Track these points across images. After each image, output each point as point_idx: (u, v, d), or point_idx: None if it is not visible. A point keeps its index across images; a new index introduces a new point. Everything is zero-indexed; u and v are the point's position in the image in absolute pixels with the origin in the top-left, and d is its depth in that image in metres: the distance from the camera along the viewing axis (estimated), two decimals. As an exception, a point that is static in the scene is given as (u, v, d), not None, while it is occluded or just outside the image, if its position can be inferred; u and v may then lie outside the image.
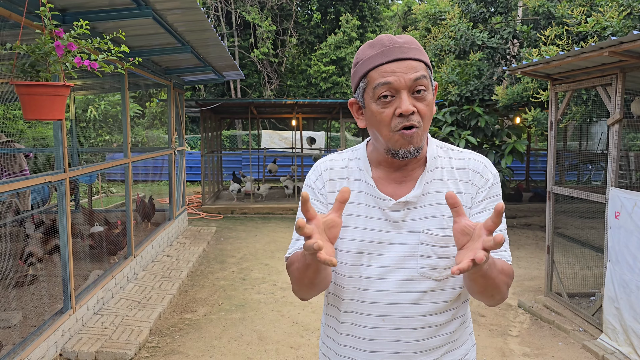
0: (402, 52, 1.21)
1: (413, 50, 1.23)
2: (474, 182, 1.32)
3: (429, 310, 1.28)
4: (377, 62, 1.22)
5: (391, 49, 1.22)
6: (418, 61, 1.22)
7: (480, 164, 1.34)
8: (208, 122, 11.66)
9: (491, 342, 4.33)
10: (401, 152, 1.24)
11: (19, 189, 3.28)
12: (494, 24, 7.90)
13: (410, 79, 1.20)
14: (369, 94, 1.25)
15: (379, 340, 1.29)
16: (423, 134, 1.24)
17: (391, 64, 1.21)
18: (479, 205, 1.31)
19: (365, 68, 1.25)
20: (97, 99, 13.35)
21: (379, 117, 1.23)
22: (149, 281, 5.67)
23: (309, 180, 1.41)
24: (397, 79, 1.20)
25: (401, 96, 1.20)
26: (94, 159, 12.39)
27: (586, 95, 5.50)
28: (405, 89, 1.20)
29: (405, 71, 1.20)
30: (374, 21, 22.32)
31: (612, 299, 3.98)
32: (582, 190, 4.58)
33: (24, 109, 2.10)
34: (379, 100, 1.22)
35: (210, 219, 10.08)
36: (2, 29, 3.17)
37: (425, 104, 1.23)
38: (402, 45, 1.22)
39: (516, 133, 8.06)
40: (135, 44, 5.38)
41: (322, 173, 1.39)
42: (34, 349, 3.43)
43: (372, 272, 1.29)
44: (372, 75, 1.23)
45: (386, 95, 1.21)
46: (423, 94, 1.22)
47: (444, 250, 1.26)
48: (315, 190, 1.39)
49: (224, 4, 20.44)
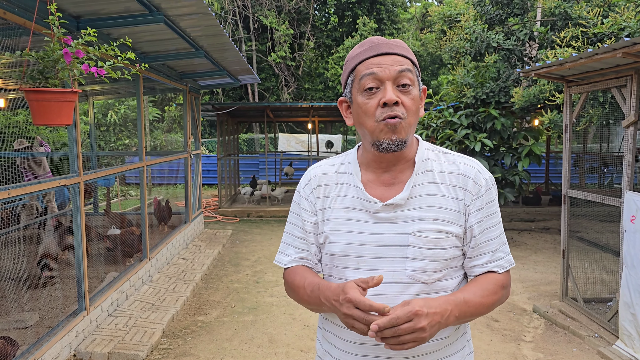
0: (388, 47, 1.27)
1: (400, 47, 1.28)
2: (465, 187, 1.31)
3: None
4: (364, 56, 1.27)
5: (378, 45, 1.27)
6: (404, 57, 1.26)
7: (473, 169, 1.33)
8: (225, 125, 11.76)
9: (504, 348, 4.27)
10: (385, 142, 1.25)
11: (34, 192, 3.35)
12: (511, 25, 7.82)
13: (395, 70, 1.24)
14: (356, 87, 1.29)
15: (369, 345, 1.29)
16: (408, 127, 1.26)
17: (377, 57, 1.26)
18: (476, 214, 1.30)
19: (353, 63, 1.30)
20: (117, 104, 13.58)
21: (364, 108, 1.26)
22: (164, 283, 5.73)
23: (299, 186, 1.45)
24: (382, 69, 1.24)
25: (386, 87, 1.24)
26: (114, 162, 12.59)
27: (603, 97, 5.41)
28: (390, 79, 1.24)
29: (390, 64, 1.24)
30: (392, 24, 22.27)
31: (627, 305, 3.90)
32: (598, 194, 4.50)
33: (33, 114, 2.15)
34: (365, 92, 1.26)
35: (226, 222, 10.16)
36: (11, 36, 3.25)
37: (410, 97, 1.25)
38: (390, 43, 1.28)
39: (533, 135, 7.94)
40: (150, 49, 5.46)
41: (311, 179, 1.42)
42: (48, 349, 3.49)
43: (360, 276, 1.28)
44: (359, 69, 1.28)
45: (371, 87, 1.25)
46: (408, 88, 1.25)
47: (433, 253, 1.26)
48: (302, 195, 1.42)
49: (242, 9, 20.61)
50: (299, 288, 1.34)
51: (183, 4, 4.08)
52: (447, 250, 1.27)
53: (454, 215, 1.29)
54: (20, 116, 10.42)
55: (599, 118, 5.64)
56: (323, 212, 1.37)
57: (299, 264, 1.41)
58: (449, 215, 1.28)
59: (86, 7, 3.89)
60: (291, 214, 1.45)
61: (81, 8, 3.87)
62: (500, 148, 7.91)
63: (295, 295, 1.37)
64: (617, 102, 5.36)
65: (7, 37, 3.19)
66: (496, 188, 1.37)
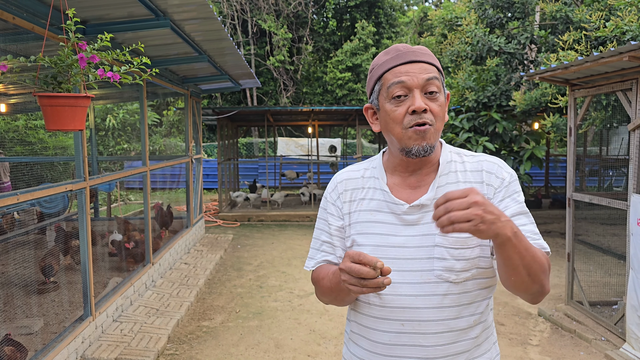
0: (415, 55, 1.28)
1: (426, 55, 1.29)
2: (489, 182, 1.32)
3: (449, 314, 1.28)
4: (391, 64, 1.29)
5: (405, 52, 1.29)
6: (431, 65, 1.28)
7: (494, 164, 1.35)
8: (225, 129, 11.75)
9: (511, 352, 4.27)
10: (414, 149, 1.27)
11: (42, 198, 3.34)
12: (511, 29, 7.85)
13: (423, 78, 1.25)
14: (383, 95, 1.30)
15: (399, 345, 1.30)
16: (436, 133, 1.28)
17: (405, 65, 1.27)
18: (499, 205, 1.30)
19: (380, 71, 1.31)
20: (115, 108, 13.55)
21: (392, 115, 1.28)
22: (167, 288, 5.71)
23: (326, 192, 1.48)
24: (410, 78, 1.25)
25: (414, 94, 1.25)
26: (113, 167, 12.55)
27: (606, 101, 5.43)
28: (418, 87, 1.25)
29: (418, 71, 1.26)
30: (390, 27, 22.33)
31: (635, 308, 3.90)
32: (603, 197, 4.50)
33: (46, 120, 2.14)
34: (393, 99, 1.27)
35: (227, 227, 10.14)
36: (24, 42, 3.25)
37: (437, 104, 1.27)
38: (416, 50, 1.29)
39: (534, 139, 7.97)
40: (153, 53, 5.46)
41: (337, 185, 1.45)
42: (56, 355, 3.47)
43: (390, 277, 1.29)
44: (387, 77, 1.29)
45: (400, 95, 1.26)
46: (435, 94, 1.27)
47: (460, 253, 1.27)
48: (329, 201, 1.45)
49: (240, 13, 20.63)
50: (323, 279, 1.36)
51: (189, 9, 4.08)
52: (473, 249, 1.27)
53: None
54: (20, 121, 10.38)
55: (602, 121, 5.66)
56: (350, 216, 1.40)
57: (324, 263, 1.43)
58: None
59: (92, 12, 3.89)
60: (318, 219, 1.48)
61: (87, 13, 3.87)
62: (502, 151, 7.92)
63: (321, 288, 1.38)
64: (619, 105, 5.38)
65: (16, 42, 3.18)
66: (519, 184, 1.37)
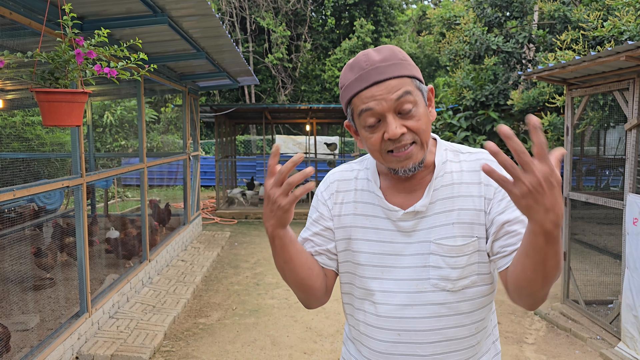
0: (379, 73, 1.16)
1: (391, 67, 1.17)
2: (487, 182, 1.25)
3: (447, 323, 1.24)
4: (356, 88, 1.19)
5: (368, 72, 1.17)
6: (399, 78, 1.17)
7: (493, 162, 1.24)
8: (222, 127, 11.74)
9: (507, 350, 4.28)
10: (400, 171, 1.22)
11: (38, 193, 3.33)
12: (509, 28, 7.86)
13: (392, 99, 1.15)
14: (357, 120, 1.23)
15: (395, 355, 1.26)
16: (422, 146, 1.21)
17: (370, 89, 1.16)
18: (499, 204, 1.23)
19: (348, 95, 1.22)
20: (113, 105, 13.51)
21: (369, 142, 1.21)
22: (164, 285, 5.71)
23: (318, 190, 1.41)
24: (377, 103, 1.15)
25: (387, 120, 1.16)
26: (110, 164, 12.53)
27: (603, 100, 5.44)
28: (389, 111, 1.16)
29: (385, 93, 1.15)
30: (389, 26, 22.32)
31: (630, 307, 3.91)
32: (600, 197, 4.52)
33: (43, 115, 2.14)
34: (367, 127, 1.20)
35: (224, 224, 10.13)
36: (21, 37, 3.24)
37: (415, 120, 1.18)
38: (379, 65, 1.17)
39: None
40: (151, 50, 5.45)
41: (330, 184, 1.39)
42: (51, 351, 3.47)
43: (385, 286, 1.27)
44: (355, 102, 1.20)
45: (372, 124, 1.18)
46: (411, 111, 1.17)
47: (455, 261, 1.23)
48: (320, 200, 1.39)
49: (239, 10, 20.60)
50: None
51: (187, 5, 4.07)
52: (470, 256, 1.23)
53: (475, 215, 1.24)
54: (17, 117, 10.34)
55: (598, 121, 5.67)
56: (340, 219, 1.34)
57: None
58: (470, 215, 1.24)
59: (90, 8, 3.87)
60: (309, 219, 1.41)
61: (85, 9, 3.86)
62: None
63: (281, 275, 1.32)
64: (616, 105, 5.39)
65: (13, 38, 3.17)
66: None
